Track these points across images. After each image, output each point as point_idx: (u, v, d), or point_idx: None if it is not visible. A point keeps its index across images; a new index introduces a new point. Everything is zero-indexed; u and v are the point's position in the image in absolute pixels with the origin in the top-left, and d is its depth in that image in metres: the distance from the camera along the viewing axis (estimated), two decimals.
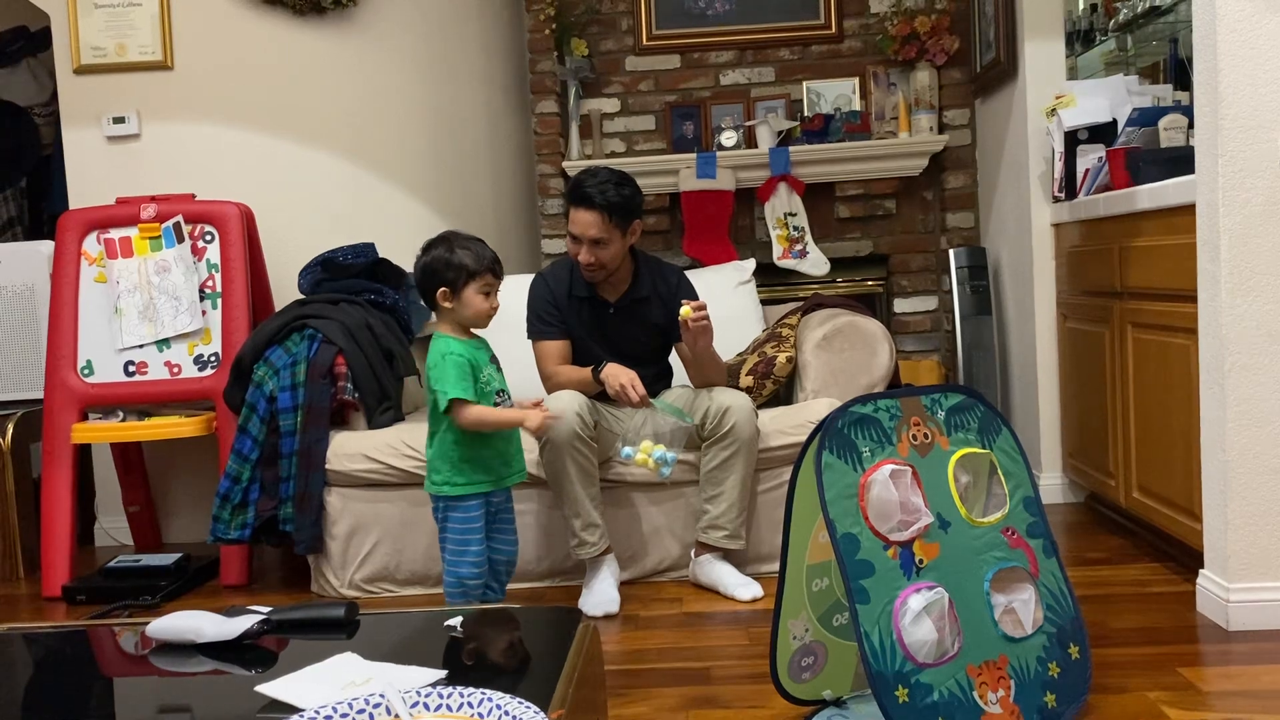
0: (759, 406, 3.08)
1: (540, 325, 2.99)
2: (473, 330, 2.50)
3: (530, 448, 2.90)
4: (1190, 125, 2.94)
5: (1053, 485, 3.68)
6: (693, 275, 3.18)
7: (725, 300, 3.59)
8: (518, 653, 1.66)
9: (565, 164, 4.43)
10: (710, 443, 2.84)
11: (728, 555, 2.90)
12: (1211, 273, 2.40)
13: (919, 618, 1.76)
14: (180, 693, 1.59)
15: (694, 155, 4.30)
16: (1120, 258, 2.99)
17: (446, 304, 2.42)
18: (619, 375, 2.75)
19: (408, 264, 3.60)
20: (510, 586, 2.98)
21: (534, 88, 4.50)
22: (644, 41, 4.53)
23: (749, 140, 4.41)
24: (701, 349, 2.81)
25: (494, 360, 2.54)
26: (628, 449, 2.58)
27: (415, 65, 3.89)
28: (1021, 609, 1.89)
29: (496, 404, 2.46)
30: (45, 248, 3.57)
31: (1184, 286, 2.58)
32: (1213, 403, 2.42)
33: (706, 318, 2.74)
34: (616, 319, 2.98)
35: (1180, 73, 3.36)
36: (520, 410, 2.46)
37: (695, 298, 2.93)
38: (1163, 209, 2.73)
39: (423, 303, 2.64)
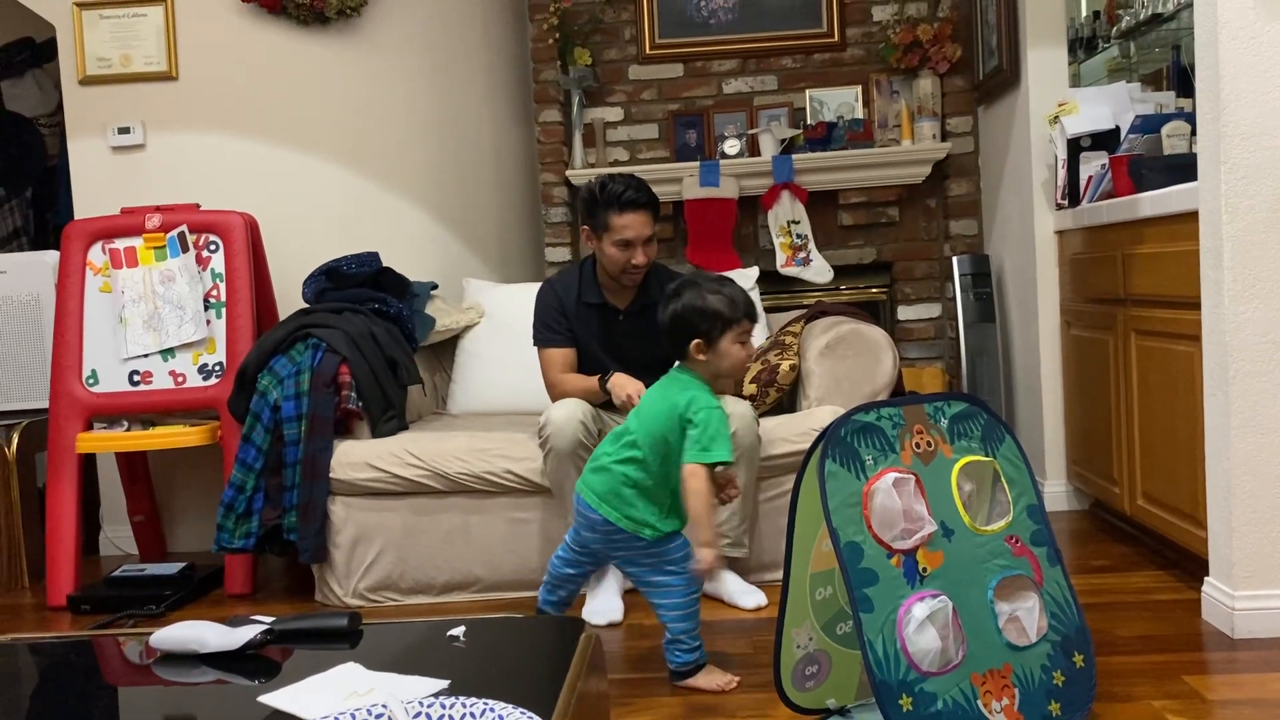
0: (762, 414, 3.08)
1: (546, 333, 2.99)
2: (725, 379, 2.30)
3: (535, 456, 2.90)
4: (1193, 132, 2.94)
5: (1057, 493, 3.67)
6: None
7: None
8: (521, 662, 1.66)
9: (569, 173, 4.44)
10: None
11: (731, 563, 2.90)
12: (1215, 280, 2.40)
13: (923, 626, 1.76)
14: (184, 703, 1.59)
15: (697, 163, 4.31)
16: (1124, 265, 2.99)
17: (700, 356, 2.21)
18: (625, 386, 2.75)
19: (412, 273, 3.64)
20: (512, 595, 3.00)
21: (537, 97, 4.52)
22: (647, 50, 4.55)
23: (752, 148, 4.42)
24: None
25: None
26: None
27: (419, 75, 3.91)
28: (1025, 617, 1.89)
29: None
30: (50, 258, 3.58)
31: (1188, 294, 2.58)
32: (1217, 410, 2.42)
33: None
34: (625, 325, 2.99)
35: (1183, 80, 3.37)
36: (712, 536, 2.18)
37: None
38: (1166, 216, 2.73)
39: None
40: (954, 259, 4.20)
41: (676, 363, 2.31)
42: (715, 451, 2.14)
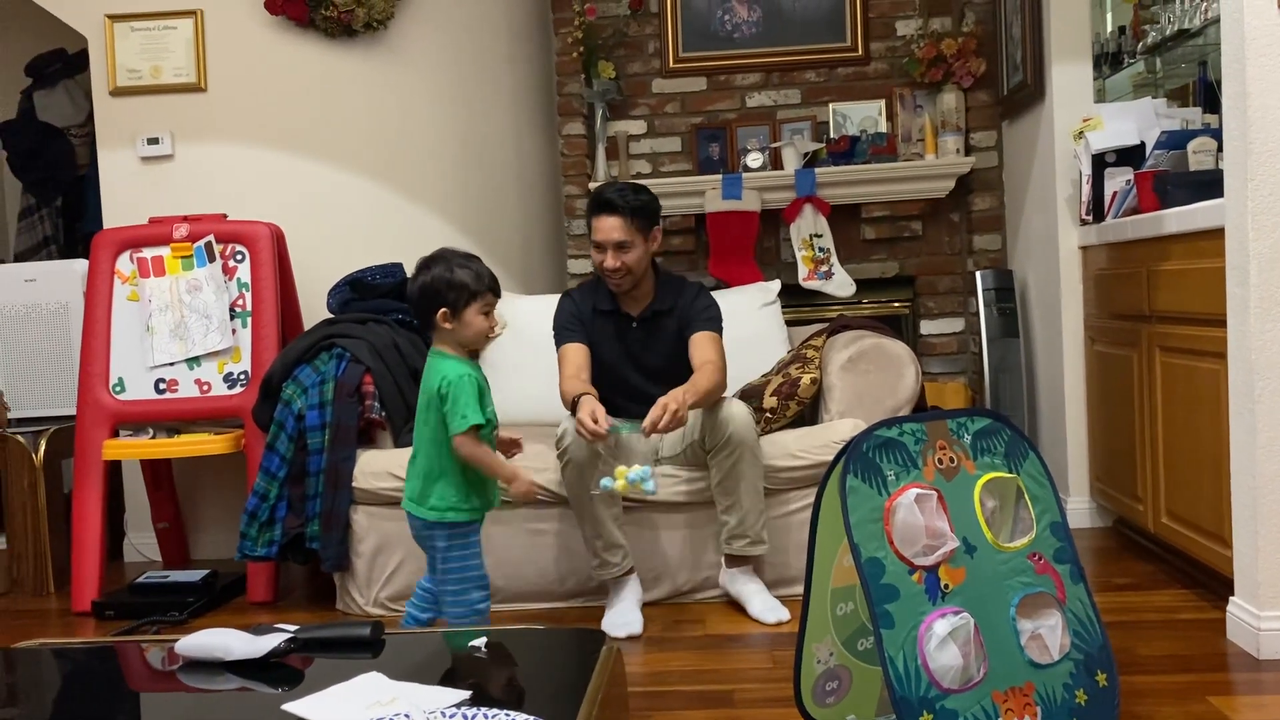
0: (782, 427, 3.08)
1: (564, 332, 3.00)
2: (474, 349, 2.45)
3: (555, 467, 2.91)
4: (1219, 148, 2.93)
5: (1080, 510, 3.65)
6: (718, 296, 3.19)
7: (750, 321, 3.59)
8: (541, 674, 1.66)
9: (591, 185, 4.46)
10: (713, 454, 2.83)
11: (758, 569, 2.90)
12: (1241, 297, 2.38)
13: (944, 643, 1.75)
14: (208, 710, 1.61)
15: (720, 176, 4.31)
16: (1148, 281, 2.98)
17: (446, 325, 2.35)
18: (579, 410, 2.67)
19: None
20: (532, 607, 3.00)
21: (561, 110, 4.54)
22: (671, 64, 4.56)
23: (775, 162, 4.43)
24: (700, 407, 2.81)
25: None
26: (605, 480, 2.53)
27: (444, 87, 3.93)
28: (1048, 635, 1.88)
29: (495, 432, 2.41)
30: (79, 266, 3.62)
31: (1213, 311, 2.56)
32: (1242, 428, 2.40)
33: (674, 415, 2.65)
34: (639, 332, 3.00)
35: (1210, 95, 3.35)
36: (514, 468, 2.41)
37: (710, 311, 2.97)
38: (1191, 233, 2.72)
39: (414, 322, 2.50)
40: (977, 274, 4.19)
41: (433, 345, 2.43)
42: (471, 417, 2.28)
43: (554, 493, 2.95)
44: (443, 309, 2.34)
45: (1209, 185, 2.77)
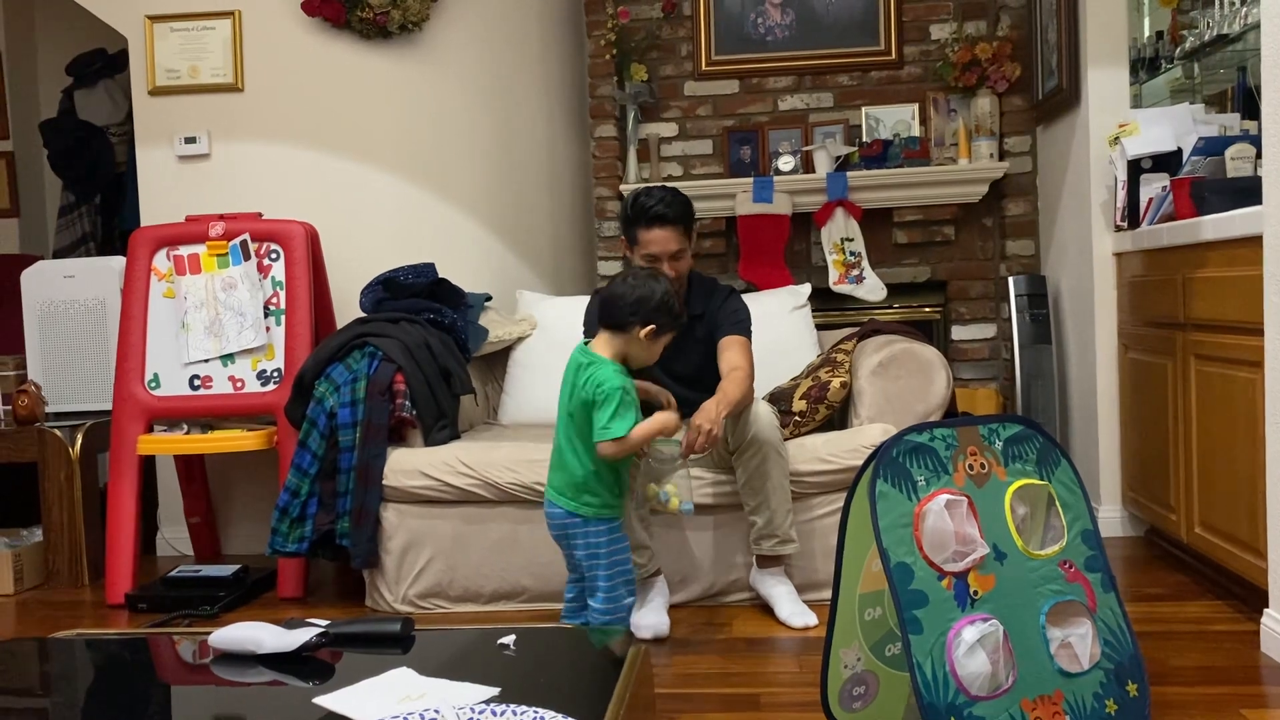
0: (811, 431, 3.07)
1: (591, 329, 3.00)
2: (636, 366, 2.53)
3: None
4: (1258, 155, 2.89)
5: (1112, 518, 3.61)
6: (748, 299, 3.18)
7: (780, 324, 3.59)
8: (569, 673, 1.67)
9: (622, 187, 4.47)
10: (738, 455, 2.83)
11: (789, 573, 2.90)
12: (1278, 306, 2.35)
13: (973, 650, 1.74)
14: (240, 702, 1.63)
15: (751, 179, 4.31)
16: (1184, 289, 2.95)
17: (641, 337, 2.44)
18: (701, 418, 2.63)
19: (467, 284, 3.68)
20: (559, 606, 2.99)
21: (593, 112, 4.55)
22: (703, 67, 4.56)
23: (806, 165, 4.42)
24: (731, 416, 2.80)
25: None
26: (662, 493, 2.54)
27: (477, 89, 3.96)
28: (1078, 643, 1.87)
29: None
30: (116, 263, 3.67)
31: (1250, 319, 2.53)
32: (1279, 438, 2.37)
33: (710, 437, 2.61)
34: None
35: (1248, 101, 3.31)
36: (658, 418, 2.44)
37: (739, 314, 2.96)
38: (1228, 240, 2.69)
39: (607, 323, 2.46)
40: (1010, 279, 4.16)
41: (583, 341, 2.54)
42: (620, 432, 2.35)
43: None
44: (651, 325, 2.44)
45: (1247, 192, 2.75)
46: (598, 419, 2.37)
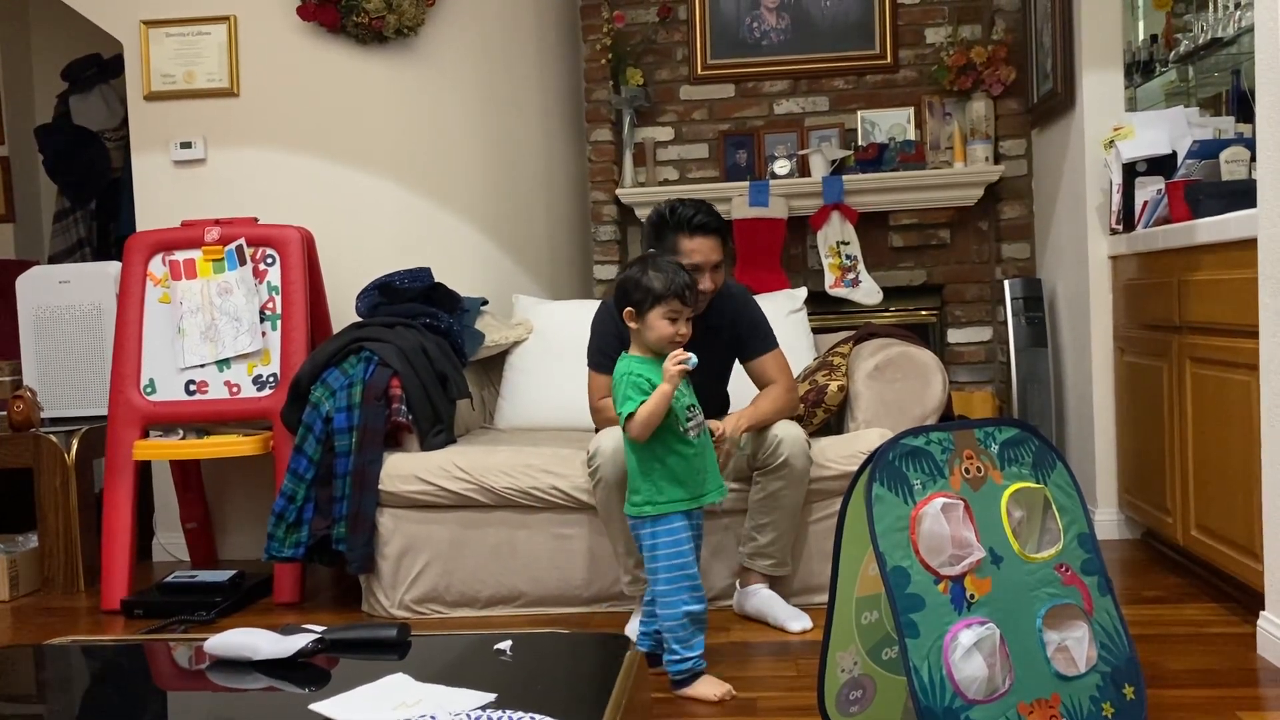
0: (809, 435, 3.07)
1: (599, 357, 2.90)
2: (659, 353, 2.43)
3: (580, 473, 2.91)
4: (1253, 158, 2.90)
5: (1108, 521, 3.62)
6: None
7: (777, 328, 3.57)
8: (566, 678, 1.67)
9: (619, 191, 4.47)
10: (762, 473, 2.82)
11: (775, 583, 2.89)
12: (1273, 308, 2.36)
13: (970, 653, 1.74)
14: (236, 708, 1.62)
15: (747, 183, 4.31)
16: (1179, 291, 2.95)
17: (632, 324, 2.43)
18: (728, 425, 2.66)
19: (463, 288, 3.68)
20: (556, 611, 3.01)
21: (589, 116, 4.56)
22: (698, 71, 4.57)
23: (802, 169, 4.42)
24: (768, 422, 2.80)
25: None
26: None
27: (473, 93, 3.96)
28: (1075, 647, 1.87)
29: (689, 419, 2.38)
30: (112, 269, 3.66)
31: (1245, 322, 2.54)
32: (1274, 440, 2.38)
33: (727, 453, 2.64)
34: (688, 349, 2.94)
35: (1243, 105, 3.32)
36: (660, 388, 2.34)
37: (763, 326, 2.94)
38: (1223, 243, 2.70)
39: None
40: (1005, 282, 4.17)
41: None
42: (622, 410, 2.35)
43: (580, 499, 2.95)
44: (628, 308, 2.41)
45: (1241, 195, 2.75)
46: (618, 409, 2.38)
